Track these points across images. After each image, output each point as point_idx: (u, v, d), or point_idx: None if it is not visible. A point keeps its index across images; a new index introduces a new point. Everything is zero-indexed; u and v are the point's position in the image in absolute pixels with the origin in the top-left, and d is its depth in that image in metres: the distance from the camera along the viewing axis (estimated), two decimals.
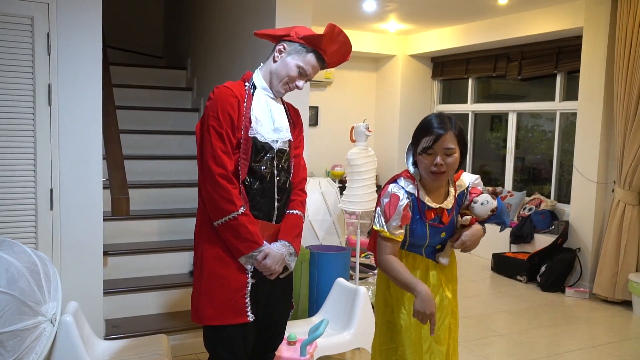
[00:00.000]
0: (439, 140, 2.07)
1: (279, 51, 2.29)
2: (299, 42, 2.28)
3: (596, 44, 5.28)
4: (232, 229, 2.16)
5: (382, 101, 8.32)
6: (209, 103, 2.21)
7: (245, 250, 2.18)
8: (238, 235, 2.16)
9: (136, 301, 3.76)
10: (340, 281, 3.69)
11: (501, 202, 2.27)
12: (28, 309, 2.52)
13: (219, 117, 2.16)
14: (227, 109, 2.18)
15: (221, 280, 2.21)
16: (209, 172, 2.16)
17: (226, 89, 2.22)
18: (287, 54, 2.27)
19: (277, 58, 2.29)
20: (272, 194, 2.28)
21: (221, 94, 2.20)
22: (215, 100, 2.20)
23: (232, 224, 2.15)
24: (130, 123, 5.00)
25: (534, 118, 6.97)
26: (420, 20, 6.83)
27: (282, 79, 2.28)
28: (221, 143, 2.16)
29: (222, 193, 2.14)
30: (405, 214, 2.13)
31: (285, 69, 2.27)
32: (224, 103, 2.18)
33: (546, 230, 5.98)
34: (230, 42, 4.76)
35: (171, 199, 4.59)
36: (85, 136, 3.14)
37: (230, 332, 2.23)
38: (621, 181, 5.03)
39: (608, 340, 4.21)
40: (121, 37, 6.69)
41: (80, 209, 3.16)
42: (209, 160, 2.16)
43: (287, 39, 2.29)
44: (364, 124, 4.20)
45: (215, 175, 2.14)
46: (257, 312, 2.26)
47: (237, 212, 2.15)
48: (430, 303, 2.03)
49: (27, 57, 2.97)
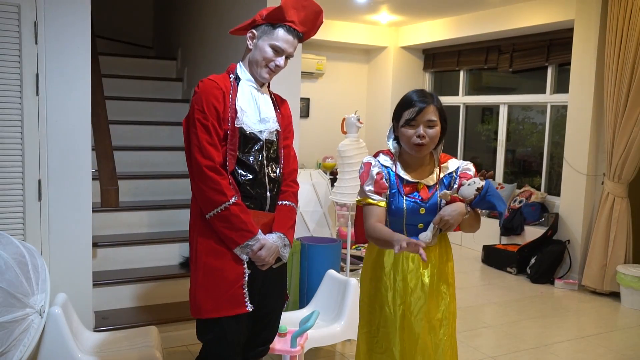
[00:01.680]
0: (421, 112, 2.15)
1: (250, 39, 2.29)
2: (263, 22, 2.26)
3: (587, 36, 5.29)
4: (225, 219, 2.15)
5: (374, 93, 8.31)
6: (195, 97, 2.21)
7: (239, 239, 2.17)
8: (231, 226, 2.16)
9: (126, 293, 3.74)
10: (331, 273, 3.68)
11: (490, 183, 2.23)
12: (16, 301, 2.49)
13: (204, 109, 2.16)
14: (212, 102, 2.18)
15: (217, 272, 2.20)
16: (197, 165, 2.16)
17: (210, 82, 2.22)
18: (257, 38, 2.27)
19: (250, 46, 2.29)
20: (263, 185, 2.28)
21: (206, 87, 2.20)
22: (200, 93, 2.19)
23: (224, 214, 2.14)
24: (119, 114, 4.96)
25: (525, 110, 6.99)
26: (411, 11, 6.81)
27: (260, 63, 2.27)
28: (207, 135, 2.15)
29: (211, 185, 2.14)
30: (378, 180, 2.22)
31: (260, 53, 2.26)
32: (209, 95, 2.18)
33: (536, 223, 6.01)
34: (221, 32, 4.72)
35: (161, 190, 4.56)
36: (74, 127, 3.10)
37: (224, 325, 2.22)
38: (611, 173, 5.06)
39: (596, 331, 4.25)
40: (110, 27, 6.63)
41: (69, 200, 3.13)
42: (195, 153, 2.16)
43: (254, 24, 2.28)
44: (355, 115, 4.19)
45: (202, 168, 2.14)
46: (252, 303, 2.25)
47: (228, 202, 2.14)
48: (399, 236, 2.04)
49: (14, 46, 2.93)
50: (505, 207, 2.36)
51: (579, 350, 3.87)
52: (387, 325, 2.25)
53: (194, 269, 2.27)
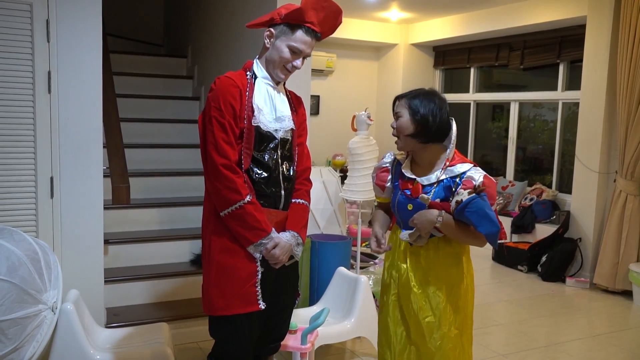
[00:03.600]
0: (393, 105, 2.36)
1: (267, 37, 2.26)
2: (282, 22, 2.23)
3: (600, 33, 5.24)
4: (239, 217, 2.16)
5: (384, 90, 8.28)
6: (211, 94, 2.19)
7: (253, 238, 2.18)
8: (245, 224, 2.16)
9: (137, 290, 3.76)
10: (341, 270, 3.68)
11: (476, 200, 2.07)
12: (29, 297, 2.52)
13: (220, 107, 2.15)
14: (229, 99, 2.16)
15: (230, 270, 2.21)
16: (212, 163, 2.15)
17: (227, 79, 2.20)
18: (275, 37, 2.24)
19: (267, 45, 2.27)
20: (277, 183, 2.29)
21: (222, 84, 2.18)
22: (216, 90, 2.18)
23: (239, 212, 2.15)
24: (130, 111, 4.98)
25: (536, 108, 6.94)
26: (422, 8, 6.78)
27: (276, 64, 2.26)
28: (223, 133, 2.14)
29: (226, 183, 2.14)
30: (379, 174, 2.40)
31: (277, 53, 2.24)
32: (226, 93, 2.16)
33: (547, 220, 5.98)
34: (231, 29, 4.73)
35: (172, 188, 4.58)
36: (86, 124, 3.12)
37: (237, 322, 2.23)
38: (623, 171, 5.02)
39: (608, 330, 4.22)
40: (121, 25, 6.66)
41: (81, 198, 3.14)
42: (211, 151, 2.15)
43: (272, 22, 2.25)
44: (366, 112, 4.18)
45: (218, 166, 2.13)
46: (265, 300, 2.26)
47: (243, 201, 2.14)
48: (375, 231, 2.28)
49: (26, 44, 2.95)
50: (492, 229, 2.07)
51: (591, 349, 3.85)
52: (382, 311, 2.40)
53: (207, 266, 2.27)
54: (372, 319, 3.44)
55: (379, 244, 2.25)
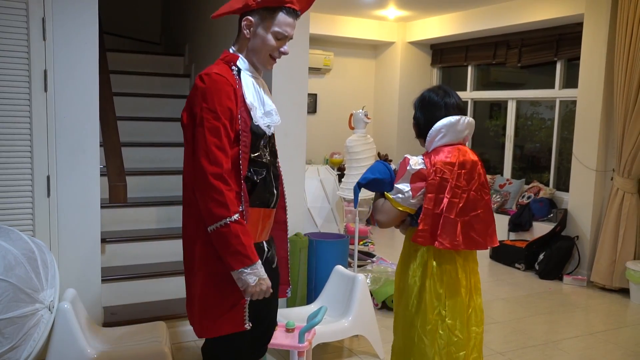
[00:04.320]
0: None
1: (246, 27, 2.03)
2: (260, 7, 2.01)
3: (597, 31, 5.24)
4: (222, 237, 1.91)
5: (381, 88, 8.28)
6: (200, 92, 1.95)
7: (235, 264, 1.93)
8: (228, 246, 1.91)
9: (134, 288, 3.76)
10: (338, 269, 3.68)
11: (376, 163, 2.37)
12: (25, 296, 2.51)
13: (215, 109, 1.92)
14: (225, 100, 1.94)
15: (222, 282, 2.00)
16: (201, 171, 1.91)
17: (220, 77, 1.96)
18: (255, 26, 2.03)
19: (247, 35, 2.05)
20: (271, 182, 2.16)
21: (216, 83, 1.95)
22: (209, 90, 1.94)
23: (223, 232, 1.90)
24: (127, 110, 4.96)
25: (534, 106, 6.95)
26: (419, 6, 6.78)
27: (262, 54, 2.07)
28: (216, 138, 1.91)
29: (213, 194, 1.90)
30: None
31: (261, 42, 2.04)
32: (221, 94, 1.94)
33: (545, 218, 5.99)
34: (228, 28, 4.72)
35: (169, 186, 4.57)
36: (82, 123, 3.11)
37: (231, 338, 2.08)
38: (620, 169, 5.03)
39: (605, 328, 4.23)
40: (118, 23, 6.64)
41: (78, 196, 3.14)
42: (201, 157, 1.91)
43: (247, 9, 2.02)
44: (363, 111, 4.18)
45: (207, 175, 1.90)
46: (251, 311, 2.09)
47: (229, 219, 1.90)
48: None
49: (23, 43, 2.94)
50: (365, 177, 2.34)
51: (588, 347, 3.85)
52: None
53: (191, 279, 2.06)
54: (369, 318, 3.45)
55: None
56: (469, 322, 2.30)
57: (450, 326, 2.24)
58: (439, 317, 2.25)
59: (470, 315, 2.30)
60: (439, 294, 2.25)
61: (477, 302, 2.35)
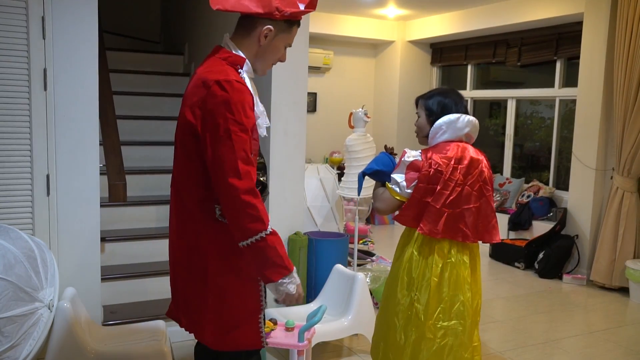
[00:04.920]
0: (416, 106, 2.63)
1: (265, 35, 1.95)
2: (284, 19, 1.95)
3: (597, 30, 5.24)
4: (259, 251, 1.83)
5: (381, 87, 8.28)
6: (223, 102, 1.81)
7: (274, 276, 1.86)
8: (266, 260, 1.84)
9: (134, 287, 3.75)
10: (338, 267, 3.68)
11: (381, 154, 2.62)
12: (25, 295, 2.51)
13: (242, 121, 1.80)
14: (250, 112, 1.85)
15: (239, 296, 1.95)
16: (231, 189, 1.79)
17: (242, 86, 1.85)
18: (274, 35, 1.96)
19: (262, 42, 1.96)
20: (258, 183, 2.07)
21: (240, 93, 1.83)
22: (233, 100, 1.81)
23: (260, 245, 1.81)
24: (127, 109, 4.96)
25: (533, 105, 6.95)
26: (419, 5, 6.78)
27: (269, 60, 2.03)
28: (244, 152, 1.80)
29: (248, 211, 1.79)
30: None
31: (274, 52, 2.01)
32: (245, 105, 1.83)
33: (544, 217, 5.99)
34: (228, 26, 4.71)
35: (168, 185, 4.55)
36: (82, 121, 3.11)
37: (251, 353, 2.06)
38: (620, 168, 5.03)
39: (605, 327, 4.23)
40: (117, 22, 6.63)
41: (77, 195, 3.14)
42: (229, 174, 1.79)
43: (271, 18, 1.94)
44: (363, 110, 4.18)
45: (239, 193, 1.78)
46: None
47: (265, 232, 1.81)
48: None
49: (22, 42, 2.94)
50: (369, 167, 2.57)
51: (588, 346, 3.85)
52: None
53: (202, 290, 1.98)
54: (369, 317, 3.45)
55: None
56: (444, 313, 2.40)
57: (417, 310, 2.40)
58: (409, 300, 2.43)
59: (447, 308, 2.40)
60: (412, 279, 2.44)
61: (465, 296, 2.41)
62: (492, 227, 2.45)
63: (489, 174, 2.47)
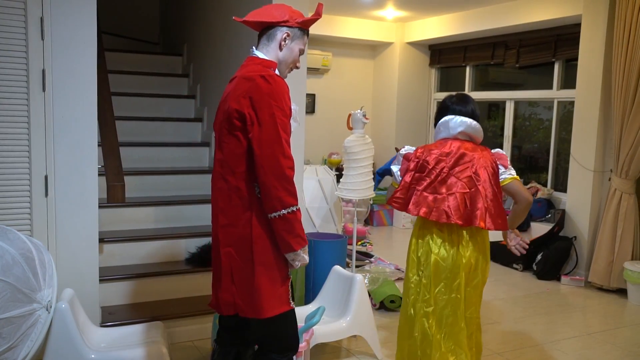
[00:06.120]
0: None
1: (284, 40, 2.32)
2: (297, 26, 2.34)
3: (595, 32, 5.25)
4: (289, 222, 2.16)
5: (380, 89, 8.28)
6: (267, 92, 2.15)
7: (296, 246, 2.19)
8: (292, 230, 2.17)
9: (132, 288, 3.75)
10: (336, 269, 3.68)
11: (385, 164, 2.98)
12: (23, 296, 2.51)
13: (284, 107, 2.17)
14: (288, 102, 2.20)
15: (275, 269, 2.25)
16: (277, 164, 2.12)
17: (281, 80, 2.22)
18: (290, 40, 2.33)
19: (283, 46, 2.32)
20: None
21: (281, 85, 2.19)
22: (275, 90, 2.16)
23: (289, 217, 2.15)
24: (125, 110, 4.96)
25: (532, 106, 6.96)
26: (418, 7, 6.79)
27: (288, 64, 2.37)
28: (286, 134, 2.16)
29: (287, 185, 2.13)
30: None
31: (291, 55, 2.35)
32: (285, 95, 2.19)
33: (543, 219, 5.99)
34: (227, 27, 4.72)
35: (167, 186, 4.57)
36: (80, 122, 3.11)
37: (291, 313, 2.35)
38: (618, 170, 5.03)
39: (603, 328, 4.23)
40: (116, 23, 6.63)
41: (76, 196, 3.14)
42: (276, 151, 2.13)
43: (288, 24, 2.32)
44: (361, 111, 4.18)
45: (284, 168, 2.13)
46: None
47: (296, 206, 2.16)
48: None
49: (21, 42, 2.94)
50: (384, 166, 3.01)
51: (586, 347, 3.86)
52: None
53: (251, 271, 2.23)
54: (367, 318, 3.45)
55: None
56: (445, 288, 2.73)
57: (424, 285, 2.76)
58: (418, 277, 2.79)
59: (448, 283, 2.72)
60: (418, 259, 2.80)
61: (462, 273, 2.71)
62: (476, 213, 2.67)
63: (491, 168, 2.72)
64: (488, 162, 2.72)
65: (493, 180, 2.70)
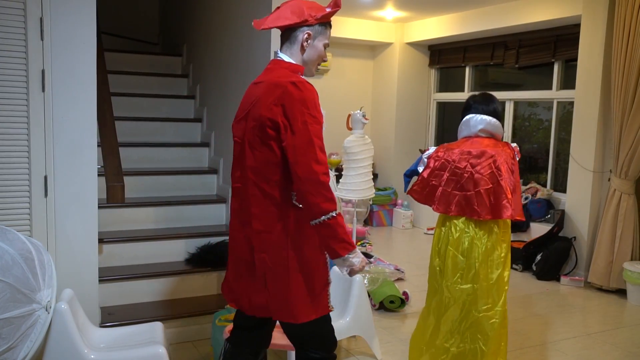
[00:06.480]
0: None
1: (306, 39, 2.28)
2: (317, 23, 2.29)
3: (594, 32, 5.25)
4: (331, 228, 2.12)
5: (379, 89, 8.28)
6: (299, 99, 2.14)
7: (342, 251, 2.15)
8: (335, 235, 2.13)
9: (132, 289, 3.75)
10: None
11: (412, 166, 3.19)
12: (22, 297, 2.51)
13: (316, 115, 2.16)
14: (319, 108, 2.19)
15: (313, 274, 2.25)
16: (311, 172, 2.10)
17: (312, 87, 2.21)
18: (312, 39, 2.30)
19: (306, 46, 2.29)
20: None
21: (312, 92, 2.19)
22: (307, 97, 2.15)
23: (331, 223, 2.11)
24: (125, 110, 4.96)
25: (531, 107, 6.96)
26: (417, 7, 6.79)
27: (314, 62, 2.35)
28: (319, 140, 2.14)
29: (323, 192, 2.10)
30: None
31: (316, 52, 2.32)
32: (316, 101, 2.19)
33: (542, 219, 5.99)
34: (227, 28, 4.72)
35: (167, 187, 4.57)
36: (80, 123, 3.11)
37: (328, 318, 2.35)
38: (617, 170, 5.04)
39: (602, 328, 4.23)
40: (116, 23, 6.64)
41: (75, 196, 3.14)
42: (310, 159, 2.10)
43: (307, 24, 2.28)
44: (361, 111, 4.18)
45: (319, 175, 2.10)
46: None
47: (335, 212, 2.12)
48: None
49: (20, 42, 2.93)
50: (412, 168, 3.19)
51: (585, 347, 3.86)
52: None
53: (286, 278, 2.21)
54: (367, 318, 3.45)
55: None
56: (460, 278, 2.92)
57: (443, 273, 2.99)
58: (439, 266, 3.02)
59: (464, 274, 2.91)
60: (440, 249, 3.02)
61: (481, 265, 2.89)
62: (502, 206, 2.81)
63: (510, 162, 2.89)
64: (509, 157, 2.89)
65: (513, 174, 2.88)
